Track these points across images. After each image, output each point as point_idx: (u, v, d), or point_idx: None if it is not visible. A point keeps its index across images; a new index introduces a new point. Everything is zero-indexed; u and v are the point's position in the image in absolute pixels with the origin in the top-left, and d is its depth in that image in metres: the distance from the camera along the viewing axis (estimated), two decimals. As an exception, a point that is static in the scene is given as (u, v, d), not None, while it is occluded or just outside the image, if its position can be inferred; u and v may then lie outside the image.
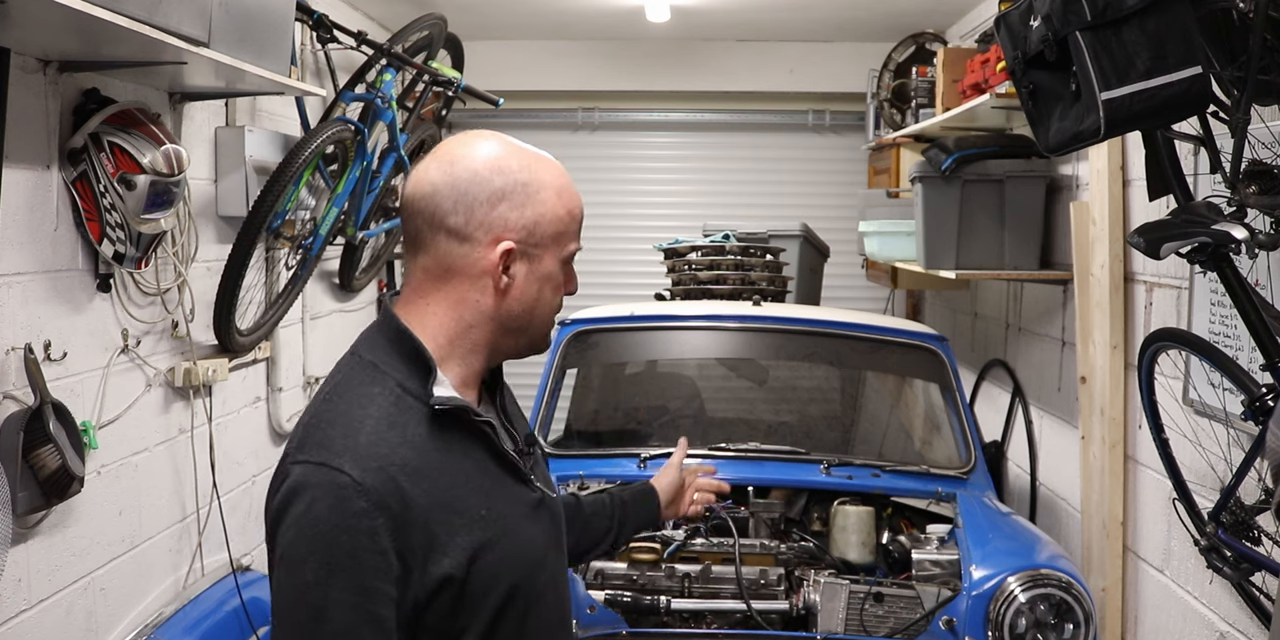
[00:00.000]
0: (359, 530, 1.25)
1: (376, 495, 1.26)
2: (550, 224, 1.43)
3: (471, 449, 1.39)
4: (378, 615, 1.25)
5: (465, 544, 1.32)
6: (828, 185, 6.02)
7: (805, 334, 3.54)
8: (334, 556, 1.25)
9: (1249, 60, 1.72)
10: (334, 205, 3.53)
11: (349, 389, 1.37)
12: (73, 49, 2.33)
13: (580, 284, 1.55)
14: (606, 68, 5.81)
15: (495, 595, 1.35)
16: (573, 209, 1.47)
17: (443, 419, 1.36)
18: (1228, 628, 2.48)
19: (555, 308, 1.49)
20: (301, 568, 1.26)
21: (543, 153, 1.49)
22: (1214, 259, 1.92)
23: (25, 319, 2.35)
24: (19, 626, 2.33)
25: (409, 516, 1.27)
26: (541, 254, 1.43)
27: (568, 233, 1.46)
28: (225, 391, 3.36)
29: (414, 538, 1.28)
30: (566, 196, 1.46)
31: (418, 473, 1.30)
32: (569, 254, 1.47)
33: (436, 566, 1.29)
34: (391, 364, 1.38)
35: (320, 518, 1.26)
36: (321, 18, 3.45)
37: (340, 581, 1.24)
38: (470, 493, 1.35)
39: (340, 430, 1.31)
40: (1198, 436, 2.48)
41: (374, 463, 1.28)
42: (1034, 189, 3.59)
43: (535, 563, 1.42)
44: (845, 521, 2.87)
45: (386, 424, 1.32)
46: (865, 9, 4.89)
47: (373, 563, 1.25)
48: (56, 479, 2.33)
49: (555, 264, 1.45)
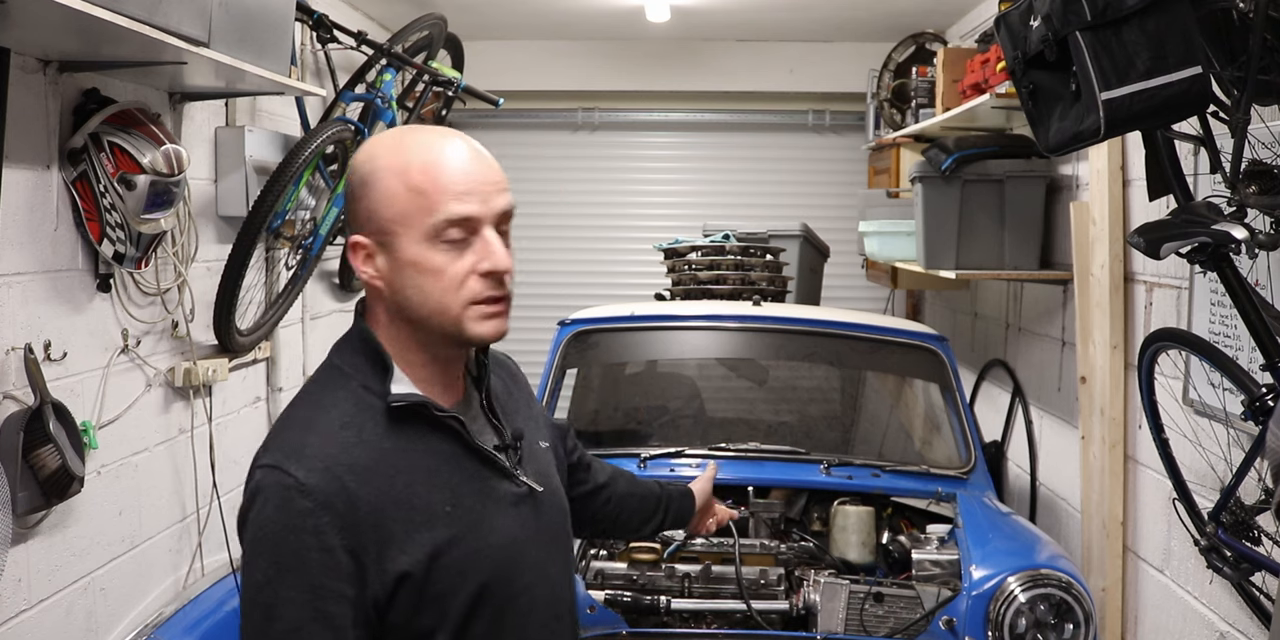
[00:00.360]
0: (304, 529, 1.27)
1: (321, 495, 1.28)
2: (387, 207, 1.33)
3: (439, 444, 1.38)
4: (327, 612, 1.27)
5: (425, 541, 1.32)
6: (828, 185, 6.02)
7: (805, 334, 3.54)
8: (282, 556, 1.28)
9: (1249, 60, 1.72)
10: (334, 205, 3.53)
11: (311, 393, 1.41)
12: (73, 49, 2.33)
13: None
14: (606, 68, 5.81)
15: (464, 593, 1.35)
16: (415, 183, 1.32)
17: (403, 416, 1.36)
18: (1228, 628, 2.48)
19: (446, 292, 1.34)
20: (255, 568, 1.29)
21: (420, 131, 1.38)
22: (1214, 259, 1.91)
23: (25, 319, 2.35)
24: (19, 626, 2.33)
25: (357, 515, 1.29)
26: (392, 241, 1.33)
27: (414, 210, 1.32)
28: (225, 391, 3.36)
29: (365, 536, 1.29)
30: (410, 172, 1.32)
31: (369, 471, 1.32)
32: (432, 231, 1.32)
33: (393, 564, 1.30)
34: (355, 365, 1.40)
35: (269, 519, 1.29)
36: (321, 18, 3.45)
37: (289, 580, 1.27)
38: (433, 489, 1.35)
39: (294, 433, 1.35)
40: (1198, 436, 2.48)
41: (320, 463, 1.30)
42: (1034, 189, 3.59)
43: (511, 560, 1.40)
44: (845, 521, 2.87)
45: (340, 425, 1.34)
46: (865, 9, 4.89)
47: (319, 560, 1.27)
48: (56, 479, 2.33)
49: (417, 247, 1.32)
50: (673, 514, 2.02)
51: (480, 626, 1.37)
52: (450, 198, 1.32)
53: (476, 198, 1.33)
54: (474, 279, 1.34)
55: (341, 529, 1.28)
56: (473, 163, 1.35)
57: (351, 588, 1.28)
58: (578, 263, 6.04)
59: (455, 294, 1.34)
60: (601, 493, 1.90)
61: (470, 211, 1.33)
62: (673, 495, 2.03)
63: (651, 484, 2.02)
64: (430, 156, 1.34)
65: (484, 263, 1.34)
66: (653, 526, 2.01)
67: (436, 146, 1.35)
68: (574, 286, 5.84)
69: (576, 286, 5.83)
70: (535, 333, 4.31)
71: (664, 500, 2.01)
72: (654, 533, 2.06)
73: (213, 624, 2.80)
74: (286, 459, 1.31)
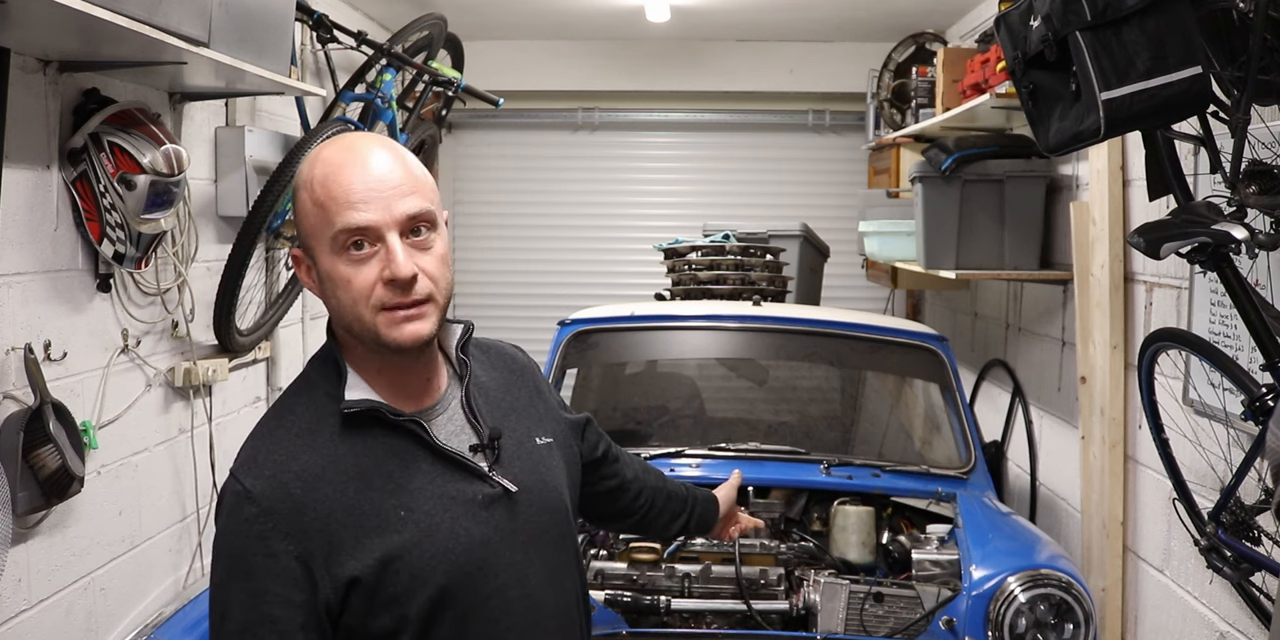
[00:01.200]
0: (249, 535, 1.32)
1: (266, 502, 1.32)
2: (302, 221, 1.36)
3: (400, 448, 1.38)
4: (271, 615, 1.30)
5: (376, 546, 1.33)
6: (828, 185, 6.03)
7: (805, 334, 3.54)
8: (232, 560, 1.34)
9: (1249, 60, 1.72)
10: (334, 205, 3.53)
11: (280, 402, 1.45)
12: (73, 49, 2.33)
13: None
14: (606, 68, 5.81)
15: (422, 597, 1.35)
16: (317, 196, 1.33)
17: (359, 421, 1.38)
18: (1228, 628, 2.48)
19: (357, 302, 1.34)
20: (215, 570, 1.36)
21: (332, 144, 1.38)
22: (1214, 259, 1.91)
23: (25, 319, 2.35)
24: (19, 626, 2.33)
25: (303, 522, 1.32)
26: (314, 253, 1.36)
27: (319, 223, 1.33)
28: (225, 391, 3.36)
29: (312, 541, 1.32)
30: (314, 186, 1.34)
31: (317, 479, 1.34)
32: (334, 243, 1.32)
33: (341, 569, 1.32)
34: (322, 373, 1.43)
35: (224, 525, 1.36)
36: (321, 18, 3.45)
37: (237, 583, 1.32)
38: (386, 494, 1.35)
39: (252, 443, 1.40)
40: (1198, 436, 2.48)
41: (267, 471, 1.34)
42: (1034, 189, 3.59)
43: (478, 563, 1.38)
44: (845, 521, 2.87)
45: (295, 433, 1.37)
46: (865, 9, 4.89)
47: (263, 565, 1.31)
48: (56, 479, 2.33)
49: (329, 259, 1.34)
50: (697, 517, 2.00)
51: (443, 630, 1.36)
52: (344, 208, 1.32)
53: (375, 205, 1.32)
54: (379, 287, 1.33)
55: (287, 535, 1.31)
56: (373, 169, 1.34)
57: (299, 593, 1.31)
58: (578, 263, 6.04)
59: (366, 303, 1.34)
60: (631, 486, 1.88)
61: (365, 220, 1.31)
62: (699, 499, 2.00)
63: (679, 485, 2.00)
64: (329, 169, 1.34)
65: (385, 271, 1.32)
66: (679, 526, 1.98)
67: (338, 159, 1.35)
68: (574, 286, 5.84)
69: (576, 286, 5.83)
70: (535, 333, 4.31)
71: (690, 502, 1.98)
72: (679, 533, 2.04)
73: (213, 624, 2.79)
74: (241, 467, 1.37)
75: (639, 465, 1.93)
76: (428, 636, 1.36)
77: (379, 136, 1.41)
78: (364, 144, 1.37)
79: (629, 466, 1.89)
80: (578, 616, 1.55)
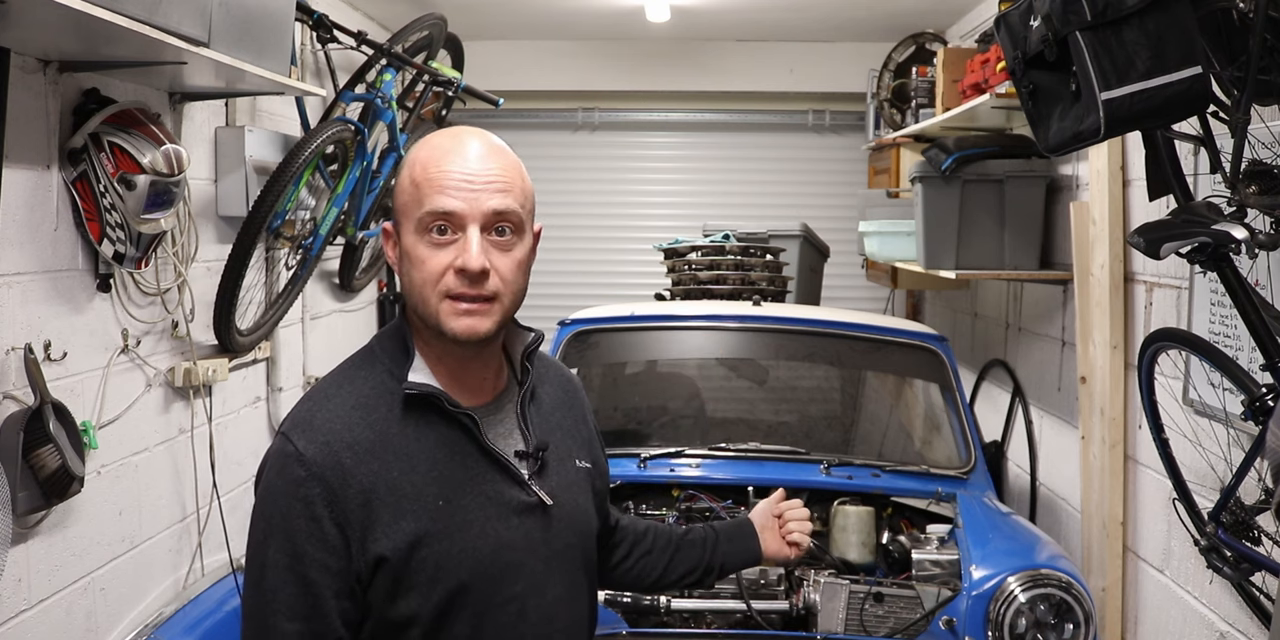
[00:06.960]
0: (295, 497, 1.32)
1: (315, 466, 1.33)
2: (398, 197, 1.41)
3: (451, 439, 1.40)
4: (307, 578, 1.31)
5: (409, 529, 1.34)
6: (828, 185, 6.03)
7: (805, 334, 3.54)
8: (273, 518, 1.34)
9: (1249, 60, 1.72)
10: (334, 205, 3.53)
11: (341, 370, 1.46)
12: (73, 49, 2.33)
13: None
14: (606, 68, 5.81)
15: (441, 588, 1.35)
16: (416, 176, 1.38)
17: (417, 405, 1.39)
18: (1228, 628, 2.48)
19: (426, 284, 1.37)
20: (256, 527, 1.36)
21: (447, 132, 1.43)
22: (1214, 259, 1.91)
23: (25, 319, 2.35)
24: (19, 626, 2.33)
25: (347, 492, 1.33)
26: (399, 229, 1.41)
27: (410, 201, 1.38)
28: (225, 391, 3.36)
29: (352, 513, 1.32)
30: (415, 166, 1.39)
31: (369, 453, 1.35)
32: (419, 223, 1.36)
33: (374, 545, 1.33)
34: (387, 350, 1.45)
35: (270, 483, 1.36)
36: (321, 18, 3.45)
37: (277, 542, 1.32)
38: (430, 481, 1.37)
39: (308, 407, 1.40)
40: (1198, 436, 2.48)
41: (321, 437, 1.35)
42: (1034, 189, 3.59)
43: (502, 566, 1.39)
44: (845, 521, 2.87)
45: (352, 404, 1.38)
46: (865, 9, 4.89)
47: (305, 528, 1.31)
48: (56, 479, 2.33)
49: (411, 237, 1.37)
50: (732, 560, 1.82)
51: (459, 627, 1.37)
52: (436, 191, 1.35)
53: (465, 195, 1.36)
54: (450, 274, 1.36)
55: (330, 502, 1.32)
56: (473, 161, 1.37)
57: (337, 560, 1.32)
58: (578, 263, 6.03)
59: (434, 287, 1.37)
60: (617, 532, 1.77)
61: (451, 207, 1.35)
62: (721, 537, 1.83)
63: (701, 531, 1.84)
64: (435, 154, 1.39)
65: (458, 259, 1.35)
66: (698, 575, 1.81)
67: (445, 145, 1.39)
68: (574, 286, 5.83)
69: (576, 286, 5.83)
70: (535, 333, 4.29)
71: (710, 546, 1.81)
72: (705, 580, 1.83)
73: (213, 624, 2.79)
74: (294, 428, 1.37)
75: (639, 521, 1.83)
76: (442, 630, 1.36)
77: (490, 134, 1.44)
78: (472, 137, 1.41)
79: (625, 517, 1.80)
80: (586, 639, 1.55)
